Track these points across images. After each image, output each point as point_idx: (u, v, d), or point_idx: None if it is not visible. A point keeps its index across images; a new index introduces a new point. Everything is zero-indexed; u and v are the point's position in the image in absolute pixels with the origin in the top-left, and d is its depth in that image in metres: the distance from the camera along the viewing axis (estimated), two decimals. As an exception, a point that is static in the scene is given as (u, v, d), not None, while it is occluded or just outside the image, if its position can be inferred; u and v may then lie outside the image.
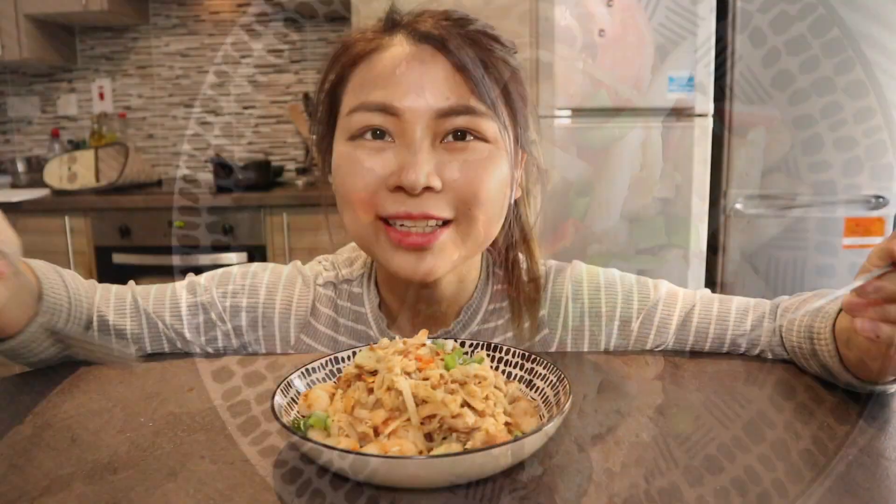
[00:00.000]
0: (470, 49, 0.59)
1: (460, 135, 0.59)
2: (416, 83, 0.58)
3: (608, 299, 0.72)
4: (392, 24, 0.63)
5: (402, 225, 0.60)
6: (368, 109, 0.59)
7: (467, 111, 0.58)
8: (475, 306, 0.72)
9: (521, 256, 0.73)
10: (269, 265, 0.77)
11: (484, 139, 0.60)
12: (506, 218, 0.66)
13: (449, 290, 0.70)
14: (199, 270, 0.78)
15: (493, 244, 0.71)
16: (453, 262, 0.63)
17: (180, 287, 0.74)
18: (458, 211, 0.60)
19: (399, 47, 0.60)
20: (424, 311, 0.70)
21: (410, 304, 0.71)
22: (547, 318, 0.72)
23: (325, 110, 0.67)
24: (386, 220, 0.61)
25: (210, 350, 0.74)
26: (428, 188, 0.58)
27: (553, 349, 0.72)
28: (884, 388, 0.56)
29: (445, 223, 0.61)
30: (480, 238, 0.63)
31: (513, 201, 0.67)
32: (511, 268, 0.72)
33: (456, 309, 0.72)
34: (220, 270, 0.76)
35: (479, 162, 0.60)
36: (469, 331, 0.71)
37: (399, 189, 0.58)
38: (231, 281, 0.74)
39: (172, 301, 0.73)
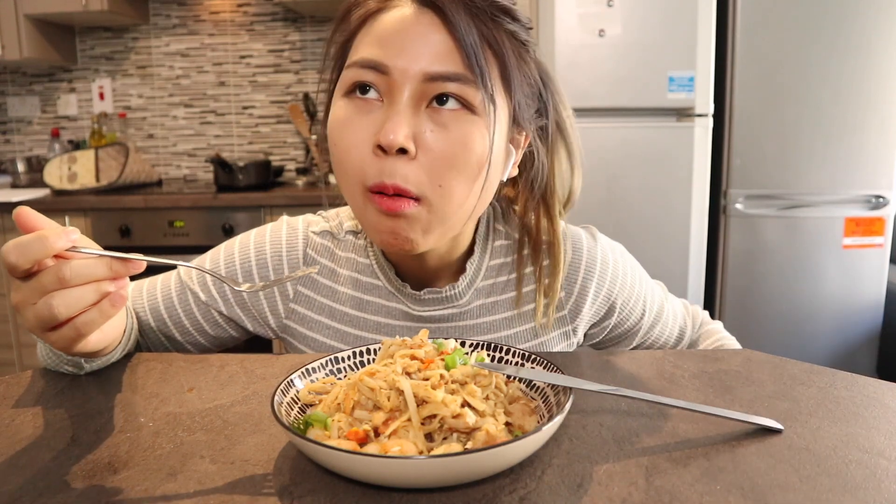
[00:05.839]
0: (471, 19, 0.58)
1: (445, 99, 0.58)
2: (410, 45, 0.58)
3: (599, 280, 0.76)
4: None
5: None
6: (362, 66, 0.59)
7: (456, 78, 0.58)
8: (477, 262, 0.74)
9: (543, 223, 0.74)
10: (253, 229, 0.79)
11: (470, 109, 0.59)
12: (494, 195, 0.68)
13: (438, 248, 0.69)
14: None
15: (530, 212, 0.74)
16: (431, 238, 0.63)
17: (173, 281, 0.77)
18: (429, 184, 0.59)
19: (403, 9, 0.60)
20: (420, 265, 0.71)
21: (404, 259, 0.72)
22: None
23: (332, 70, 0.66)
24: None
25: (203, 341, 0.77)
26: (402, 150, 0.57)
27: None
28: None
29: (416, 200, 0.60)
30: (454, 213, 0.62)
31: (504, 179, 0.67)
32: (530, 232, 0.74)
33: (457, 264, 0.74)
34: (201, 257, 0.79)
35: (457, 132, 0.59)
36: (475, 287, 0.74)
37: (380, 149, 0.58)
38: (220, 251, 0.77)
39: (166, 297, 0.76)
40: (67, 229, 0.50)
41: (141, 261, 0.52)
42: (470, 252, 0.74)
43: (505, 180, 0.68)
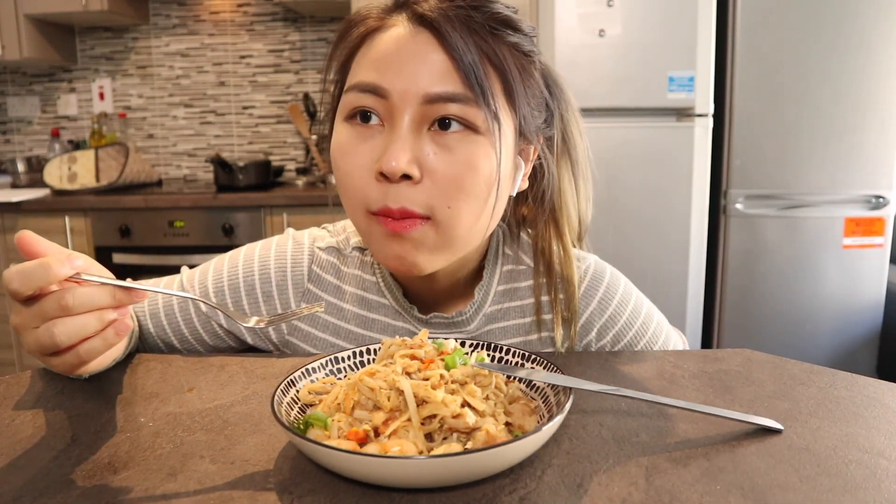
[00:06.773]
0: (469, 36, 0.57)
1: (448, 123, 0.57)
2: (407, 66, 0.57)
3: (610, 321, 0.73)
4: (399, 3, 0.61)
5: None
6: (361, 90, 0.58)
7: (457, 99, 0.56)
8: (485, 287, 0.72)
9: (555, 247, 0.72)
10: (258, 241, 0.78)
11: (474, 130, 0.58)
12: (503, 213, 0.66)
13: (446, 268, 0.68)
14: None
15: (543, 233, 0.72)
16: (438, 260, 0.62)
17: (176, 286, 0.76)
18: (437, 206, 0.58)
19: (399, 28, 0.59)
20: (428, 286, 0.71)
21: (411, 279, 0.71)
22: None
23: (334, 90, 0.65)
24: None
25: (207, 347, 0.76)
26: (406, 176, 0.57)
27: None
28: None
29: (424, 219, 0.59)
30: (463, 234, 0.61)
31: (514, 193, 0.66)
32: (542, 255, 0.72)
33: (464, 287, 0.72)
34: (204, 265, 0.77)
35: (462, 154, 0.58)
36: (483, 312, 0.72)
37: (382, 176, 0.57)
38: (223, 264, 0.76)
39: (168, 309, 0.75)
40: (71, 255, 0.49)
41: (145, 290, 0.52)
42: (479, 276, 0.73)
43: (515, 194, 0.67)
